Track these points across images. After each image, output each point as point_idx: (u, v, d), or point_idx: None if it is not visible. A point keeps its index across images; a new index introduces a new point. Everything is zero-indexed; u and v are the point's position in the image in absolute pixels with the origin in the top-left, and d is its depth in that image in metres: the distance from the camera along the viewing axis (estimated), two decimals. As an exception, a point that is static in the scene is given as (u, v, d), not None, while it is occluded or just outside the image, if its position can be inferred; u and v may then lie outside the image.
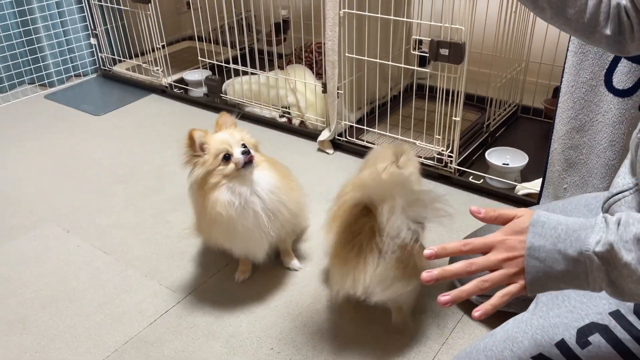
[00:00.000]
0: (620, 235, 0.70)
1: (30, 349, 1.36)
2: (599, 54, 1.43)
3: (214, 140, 1.33)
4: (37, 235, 1.78)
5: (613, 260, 0.69)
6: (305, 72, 2.33)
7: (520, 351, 0.94)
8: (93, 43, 2.94)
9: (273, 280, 1.55)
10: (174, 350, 1.34)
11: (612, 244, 0.69)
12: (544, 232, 0.75)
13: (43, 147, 2.32)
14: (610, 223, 0.72)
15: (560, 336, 0.91)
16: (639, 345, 0.85)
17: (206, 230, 1.43)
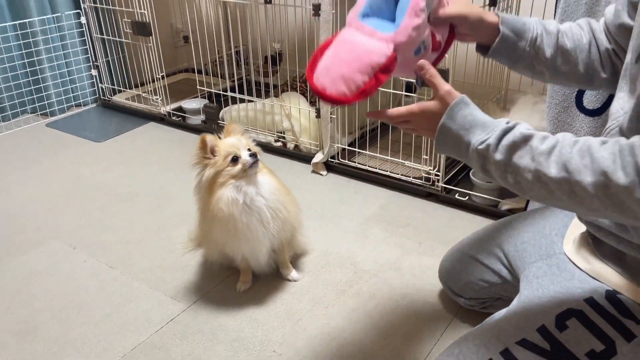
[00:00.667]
0: (499, 140, 0.88)
1: (42, 355, 1.43)
2: (569, 77, 1.58)
3: (224, 143, 1.47)
4: (44, 252, 1.85)
5: (487, 156, 0.90)
6: (299, 99, 2.46)
7: (505, 337, 1.03)
8: (94, 74, 3.06)
9: (273, 290, 1.63)
10: (181, 354, 1.42)
11: (489, 145, 0.89)
12: (454, 115, 0.93)
13: (46, 171, 2.41)
14: (499, 129, 0.90)
15: (541, 322, 1.01)
16: (610, 326, 0.96)
17: (208, 233, 1.54)
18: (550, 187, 0.84)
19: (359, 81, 0.96)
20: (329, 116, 2.21)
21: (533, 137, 0.86)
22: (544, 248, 1.18)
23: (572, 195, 0.82)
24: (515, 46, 1.11)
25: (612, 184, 0.78)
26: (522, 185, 0.87)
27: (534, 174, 0.85)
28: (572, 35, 1.13)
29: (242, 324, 1.51)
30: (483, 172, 0.93)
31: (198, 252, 1.81)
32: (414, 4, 0.99)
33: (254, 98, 2.52)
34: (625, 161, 0.77)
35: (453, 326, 1.48)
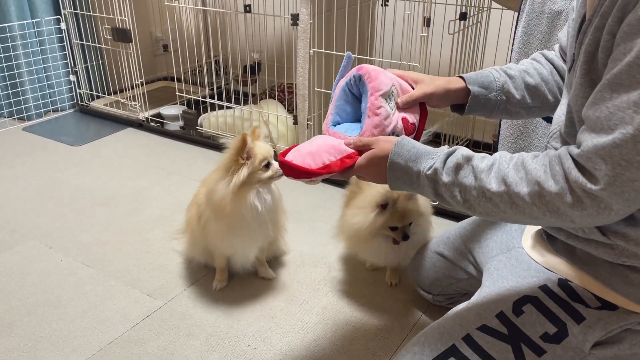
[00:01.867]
0: (445, 163, 0.97)
1: (18, 349, 1.44)
2: (532, 87, 1.67)
3: (260, 148, 1.48)
4: (20, 251, 1.85)
5: (436, 179, 0.97)
6: (277, 106, 2.52)
7: (467, 324, 1.09)
8: (72, 80, 3.07)
9: (249, 288, 1.67)
10: (157, 348, 1.44)
11: (436, 169, 0.97)
12: (400, 151, 1.02)
13: (22, 174, 2.41)
14: (442, 154, 0.98)
15: (499, 309, 1.08)
16: (562, 310, 1.03)
17: (205, 228, 1.56)
18: (494, 200, 0.92)
19: (325, 158, 1.08)
20: (306, 123, 2.27)
21: (474, 157, 0.96)
22: (505, 243, 1.25)
23: (514, 207, 0.90)
24: (487, 99, 1.21)
25: (545, 192, 0.86)
26: (471, 203, 0.95)
27: (478, 190, 0.93)
28: (534, 71, 1.23)
29: (217, 320, 1.54)
30: (436, 197, 1.00)
31: (175, 252, 1.84)
32: (370, 104, 1.13)
33: (232, 105, 2.57)
34: (554, 170, 0.86)
35: (422, 321, 1.54)
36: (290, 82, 2.76)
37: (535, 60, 1.25)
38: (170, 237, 1.91)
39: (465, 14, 2.13)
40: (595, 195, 0.82)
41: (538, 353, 1.01)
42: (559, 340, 1.00)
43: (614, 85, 0.80)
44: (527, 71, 1.23)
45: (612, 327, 0.98)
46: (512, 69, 1.24)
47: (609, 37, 0.83)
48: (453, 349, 1.06)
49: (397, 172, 1.02)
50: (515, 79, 1.22)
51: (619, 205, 0.81)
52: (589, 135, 0.83)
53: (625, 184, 0.79)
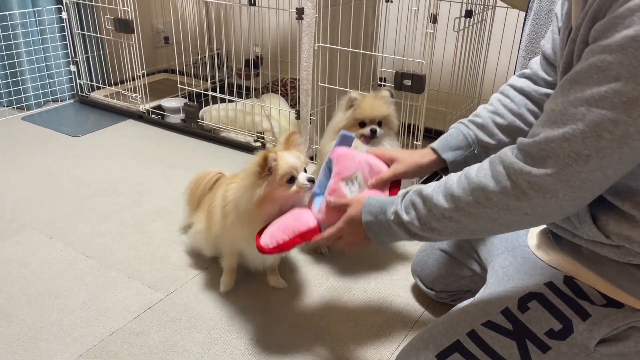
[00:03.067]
0: (402, 204, 1.06)
1: (18, 339, 1.43)
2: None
3: (283, 160, 1.33)
4: (20, 241, 1.84)
5: (400, 221, 1.05)
6: (279, 101, 2.51)
7: (471, 320, 1.09)
8: (73, 70, 3.05)
9: (251, 283, 1.67)
10: (158, 340, 1.44)
11: (397, 212, 1.06)
12: (369, 210, 1.12)
13: (22, 164, 2.39)
14: (399, 197, 1.08)
15: (505, 305, 1.08)
16: (568, 307, 1.03)
17: (225, 228, 1.49)
18: (453, 217, 0.97)
19: (279, 238, 1.27)
20: (309, 118, 2.27)
21: (423, 188, 1.03)
22: (510, 241, 1.25)
23: (471, 215, 0.95)
24: (465, 157, 1.27)
25: (491, 194, 0.91)
26: (437, 229, 1.00)
27: (434, 215, 0.99)
28: (504, 110, 1.25)
29: (219, 313, 1.54)
30: (411, 236, 1.06)
31: (176, 244, 1.83)
32: (329, 187, 1.29)
33: (234, 98, 2.56)
34: (495, 171, 0.92)
35: (425, 318, 1.53)
36: (291, 77, 2.75)
37: (504, 95, 1.27)
38: (178, 232, 1.89)
39: (470, 12, 2.13)
40: (540, 185, 0.86)
41: (543, 349, 1.01)
42: (564, 337, 1.00)
43: (573, 82, 0.83)
44: (497, 112, 1.26)
45: (617, 325, 0.98)
46: (480, 116, 1.28)
47: (582, 46, 0.85)
48: (457, 344, 1.06)
49: (374, 228, 1.12)
50: (486, 126, 1.26)
51: (564, 191, 0.85)
52: (542, 128, 0.87)
53: (572, 174, 0.84)
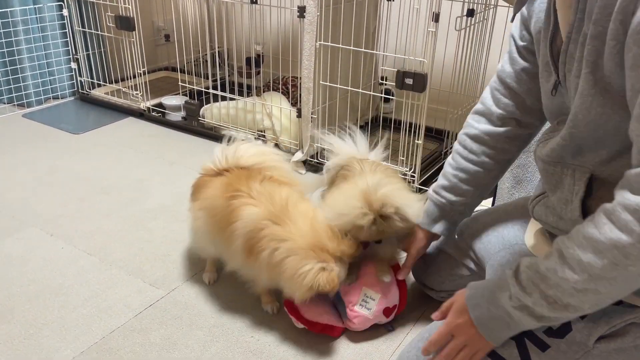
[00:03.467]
0: (518, 286, 0.93)
1: (19, 336, 1.43)
2: (540, 85, 1.67)
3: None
4: (20, 238, 1.84)
5: (523, 305, 0.92)
6: (281, 99, 2.51)
7: None
8: (73, 67, 3.05)
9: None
10: (160, 337, 1.44)
11: (516, 296, 0.93)
12: (477, 302, 1.00)
13: (23, 161, 2.39)
14: (510, 278, 0.94)
15: None
16: None
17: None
18: (590, 289, 0.83)
19: (312, 317, 1.42)
20: (310, 116, 2.27)
21: (536, 262, 0.91)
22: (507, 238, 1.26)
23: (613, 282, 0.81)
24: (453, 221, 1.38)
25: (628, 248, 0.77)
26: (575, 305, 0.87)
27: (567, 291, 0.85)
28: (465, 165, 1.31)
29: (220, 311, 1.54)
30: (539, 321, 0.93)
31: (177, 242, 1.83)
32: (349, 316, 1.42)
33: (235, 96, 2.56)
34: (622, 221, 0.77)
35: (425, 317, 1.53)
36: (292, 76, 2.75)
37: (462, 147, 1.32)
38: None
39: (472, 11, 2.13)
40: None
41: (542, 348, 1.01)
42: (562, 335, 1.00)
43: None
44: (459, 167, 1.32)
45: (616, 322, 0.98)
46: (446, 177, 1.34)
47: (614, 43, 0.81)
48: (458, 346, 1.06)
49: (488, 322, 0.99)
50: (454, 187, 1.33)
51: None
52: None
53: None
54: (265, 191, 1.35)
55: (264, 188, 1.37)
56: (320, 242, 1.24)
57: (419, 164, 2.09)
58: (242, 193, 1.36)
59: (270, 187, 1.38)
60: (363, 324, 1.43)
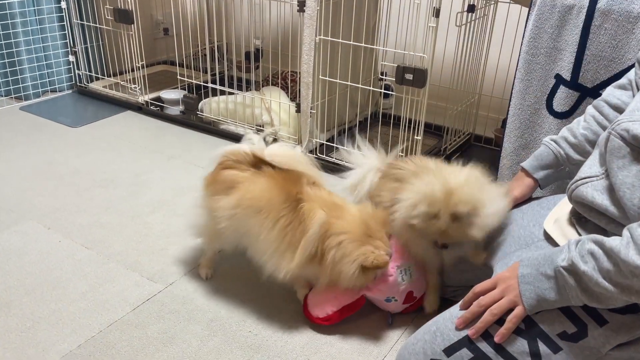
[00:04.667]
0: (578, 252, 0.94)
1: (16, 329, 1.42)
2: (541, 81, 1.66)
3: None
4: (17, 231, 1.83)
5: (575, 270, 0.94)
6: (280, 93, 2.50)
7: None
8: (71, 60, 3.03)
9: (249, 276, 1.65)
10: (157, 332, 1.43)
11: (572, 259, 0.94)
12: (529, 263, 1.02)
13: (20, 154, 2.38)
14: (572, 244, 0.97)
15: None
16: (584, 312, 1.00)
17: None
18: None
19: (329, 310, 1.44)
20: (309, 111, 2.26)
21: (604, 239, 0.93)
22: (523, 238, 1.23)
23: None
24: (556, 176, 1.35)
25: None
26: (626, 286, 0.89)
27: (623, 272, 0.88)
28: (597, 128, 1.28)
29: (218, 306, 1.53)
30: (582, 293, 0.94)
31: (175, 236, 1.82)
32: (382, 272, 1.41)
33: (234, 90, 2.55)
34: None
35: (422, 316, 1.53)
36: (292, 70, 2.74)
37: (598, 112, 1.29)
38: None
39: (473, 6, 2.12)
40: None
41: (554, 350, 1.01)
42: (576, 340, 1.00)
43: None
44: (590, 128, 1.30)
45: (636, 332, 0.97)
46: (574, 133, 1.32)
47: None
48: (466, 340, 1.06)
49: (532, 280, 1.01)
50: (579, 145, 1.31)
51: None
52: None
53: None
54: (318, 195, 1.43)
55: (315, 192, 1.43)
56: (369, 232, 1.37)
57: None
58: (304, 197, 1.41)
59: (318, 190, 1.45)
60: (386, 290, 1.42)
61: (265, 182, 1.42)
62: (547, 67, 1.64)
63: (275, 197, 1.39)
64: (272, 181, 1.42)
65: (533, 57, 1.65)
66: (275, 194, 1.39)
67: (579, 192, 1.09)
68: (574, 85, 1.61)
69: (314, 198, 1.41)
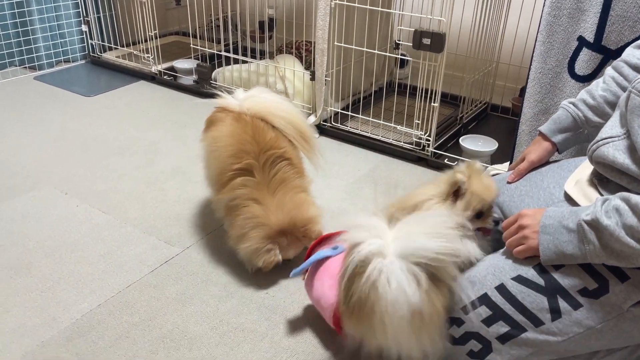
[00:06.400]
0: (604, 208, 0.93)
1: (36, 289, 1.44)
2: (563, 43, 1.63)
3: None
4: (35, 196, 1.84)
5: (597, 224, 0.93)
6: (294, 62, 2.48)
7: (500, 274, 1.07)
8: (84, 30, 3.02)
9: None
10: (175, 292, 1.44)
11: (595, 213, 0.94)
12: (553, 214, 1.01)
13: (35, 122, 2.38)
14: (599, 201, 0.95)
15: (537, 260, 1.06)
16: (605, 267, 0.99)
17: None
18: None
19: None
20: (324, 79, 2.23)
21: (632, 195, 0.92)
22: (543, 199, 1.22)
23: None
24: (575, 139, 1.32)
25: None
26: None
27: None
28: (616, 89, 1.25)
29: (235, 269, 1.54)
30: (602, 248, 0.93)
31: (191, 203, 1.83)
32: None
33: (248, 59, 2.53)
34: None
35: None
36: (306, 40, 2.71)
37: (618, 72, 1.26)
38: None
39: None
40: None
41: (574, 306, 1.00)
42: (597, 296, 0.98)
43: None
44: (609, 89, 1.27)
45: None
46: (592, 95, 1.29)
47: None
48: (484, 297, 1.05)
49: (552, 231, 1.00)
50: (597, 106, 1.28)
51: None
52: None
53: None
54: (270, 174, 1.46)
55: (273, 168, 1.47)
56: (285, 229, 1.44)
57: (434, 128, 2.06)
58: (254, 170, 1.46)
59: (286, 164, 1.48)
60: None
61: (232, 127, 1.48)
62: (569, 28, 1.60)
63: (229, 145, 1.45)
64: (240, 129, 1.47)
65: (555, 19, 1.61)
66: (231, 142, 1.45)
67: (600, 152, 1.07)
68: (597, 47, 1.57)
69: (259, 181, 1.42)
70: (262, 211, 1.40)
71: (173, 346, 1.27)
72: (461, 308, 1.09)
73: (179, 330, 1.32)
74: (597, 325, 1.01)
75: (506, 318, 1.05)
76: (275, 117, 1.51)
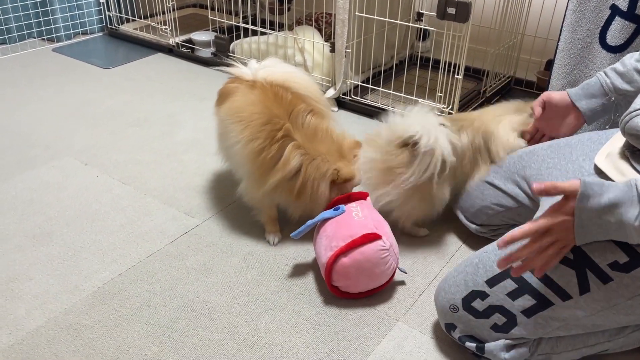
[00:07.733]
0: None
1: (58, 257, 1.45)
2: (595, 12, 1.57)
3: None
4: (55, 166, 1.85)
5: None
6: (314, 33, 2.43)
7: None
8: (102, 1, 2.99)
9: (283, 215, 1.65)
10: (196, 263, 1.44)
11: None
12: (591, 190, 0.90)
13: (54, 94, 2.38)
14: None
15: None
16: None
17: None
18: None
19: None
20: (344, 50, 2.19)
21: None
22: (572, 172, 1.19)
23: None
24: (603, 106, 1.30)
25: None
26: None
27: None
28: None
29: (255, 240, 1.53)
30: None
31: (211, 174, 1.82)
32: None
33: (266, 30, 2.49)
34: None
35: (462, 251, 1.51)
36: (326, 12, 2.65)
37: None
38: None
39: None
40: None
41: (604, 280, 0.98)
42: (628, 270, 0.96)
43: None
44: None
45: None
46: (623, 63, 1.28)
47: None
48: (509, 271, 1.03)
49: (589, 225, 0.92)
50: (626, 73, 1.26)
51: None
52: None
53: None
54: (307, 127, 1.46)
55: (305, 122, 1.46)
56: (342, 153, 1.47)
57: (457, 101, 2.02)
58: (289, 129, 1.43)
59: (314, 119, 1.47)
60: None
61: (253, 96, 1.43)
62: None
63: (256, 114, 1.39)
64: (261, 96, 1.43)
65: (588, -14, 1.55)
66: (258, 110, 1.40)
67: (632, 124, 1.03)
68: (630, 16, 1.51)
69: (298, 133, 1.39)
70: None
71: (194, 315, 1.28)
72: (486, 281, 1.08)
73: (199, 299, 1.32)
74: (627, 300, 0.99)
75: (532, 292, 1.04)
76: (291, 84, 1.48)
